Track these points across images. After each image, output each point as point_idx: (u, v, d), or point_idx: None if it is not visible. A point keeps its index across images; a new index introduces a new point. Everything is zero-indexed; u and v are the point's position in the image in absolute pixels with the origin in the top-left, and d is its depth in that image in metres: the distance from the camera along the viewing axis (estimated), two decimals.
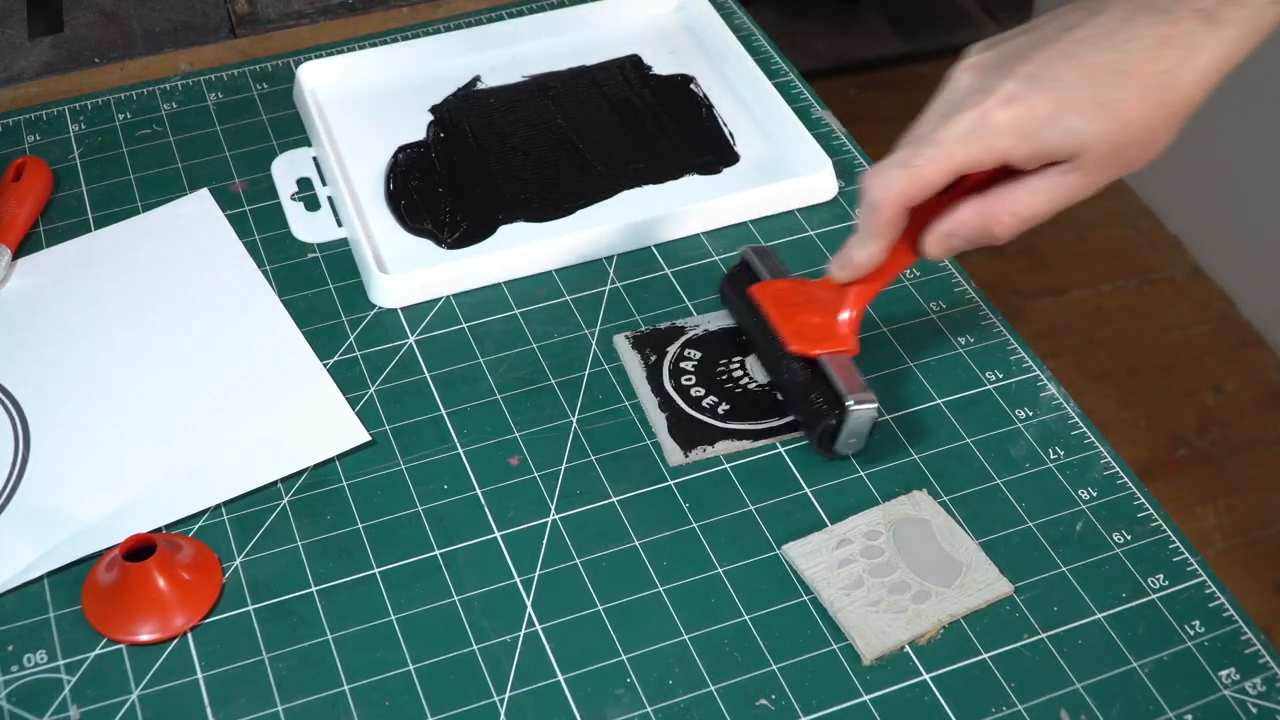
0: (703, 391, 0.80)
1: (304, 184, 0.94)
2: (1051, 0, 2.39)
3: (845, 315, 0.76)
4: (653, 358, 0.82)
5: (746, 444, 0.77)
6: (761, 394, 0.80)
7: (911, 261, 0.75)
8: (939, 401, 0.80)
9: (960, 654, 0.68)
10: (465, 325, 0.85)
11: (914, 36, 2.58)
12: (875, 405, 0.74)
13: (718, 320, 0.84)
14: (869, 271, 0.74)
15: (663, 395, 0.80)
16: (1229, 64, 0.66)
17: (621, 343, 0.83)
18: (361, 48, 1.04)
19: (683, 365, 0.81)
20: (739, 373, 0.81)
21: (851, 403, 0.74)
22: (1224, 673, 0.68)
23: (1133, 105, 0.65)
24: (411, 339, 0.84)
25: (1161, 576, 0.71)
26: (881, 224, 0.71)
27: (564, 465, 0.77)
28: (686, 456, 0.77)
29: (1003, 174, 0.70)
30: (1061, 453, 0.77)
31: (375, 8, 1.09)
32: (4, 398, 0.81)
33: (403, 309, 0.86)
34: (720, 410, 0.79)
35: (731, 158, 0.96)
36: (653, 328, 0.84)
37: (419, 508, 0.75)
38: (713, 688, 0.67)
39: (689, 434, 0.78)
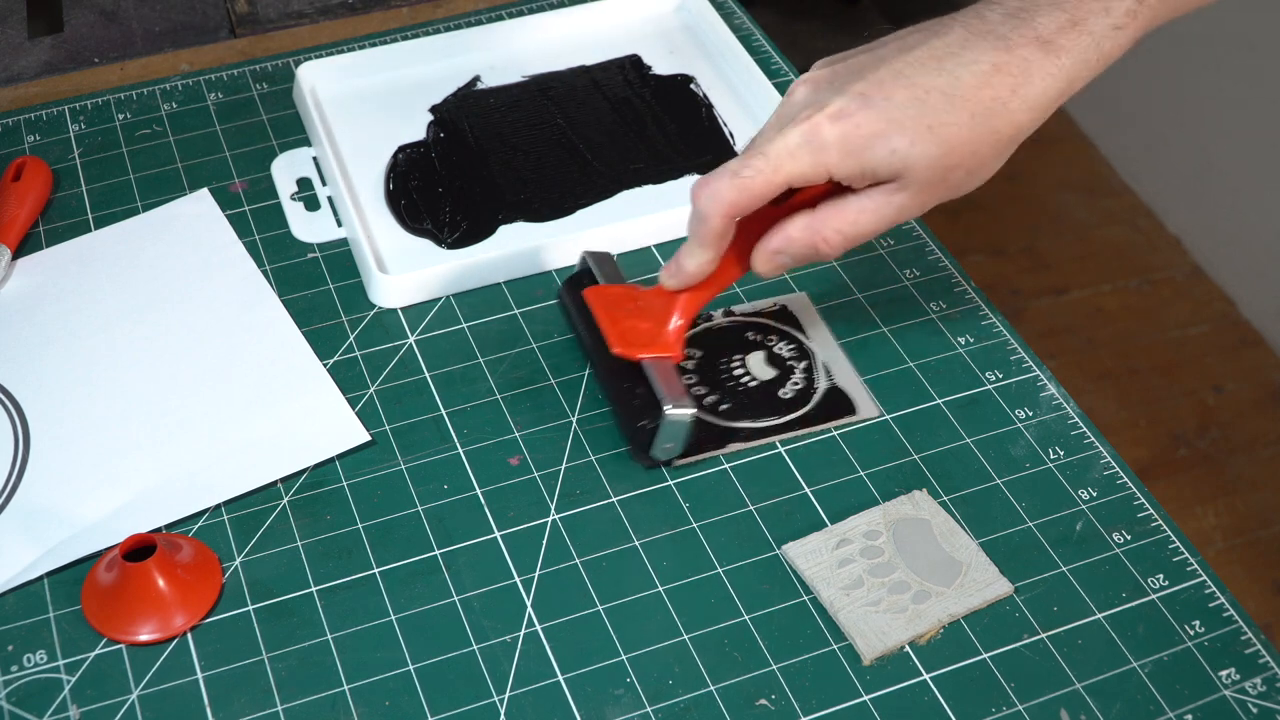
0: (704, 390, 0.80)
1: (304, 184, 0.94)
2: None
3: (674, 323, 0.76)
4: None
5: (753, 443, 0.77)
6: (763, 391, 0.80)
7: (739, 274, 0.75)
8: (939, 401, 0.80)
9: (960, 654, 0.68)
10: (465, 325, 0.85)
11: None
12: (692, 411, 0.73)
13: (716, 318, 0.84)
14: (698, 281, 0.74)
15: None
16: (1065, 93, 0.67)
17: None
18: (361, 48, 1.04)
19: (684, 364, 0.81)
20: (739, 370, 0.81)
21: (669, 406, 0.73)
22: (1224, 673, 0.68)
23: (959, 130, 0.66)
24: (411, 339, 0.84)
25: (1161, 576, 0.71)
26: (709, 234, 0.71)
27: (564, 465, 0.77)
28: (685, 457, 0.77)
29: (834, 189, 0.70)
30: (1061, 453, 0.77)
31: (375, 8, 1.09)
32: (4, 398, 0.81)
33: (403, 309, 0.86)
34: (722, 409, 0.79)
35: (731, 158, 0.96)
36: None
37: (419, 508, 0.75)
38: (713, 688, 0.67)
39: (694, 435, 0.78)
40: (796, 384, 0.80)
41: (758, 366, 0.81)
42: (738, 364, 0.82)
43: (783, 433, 0.78)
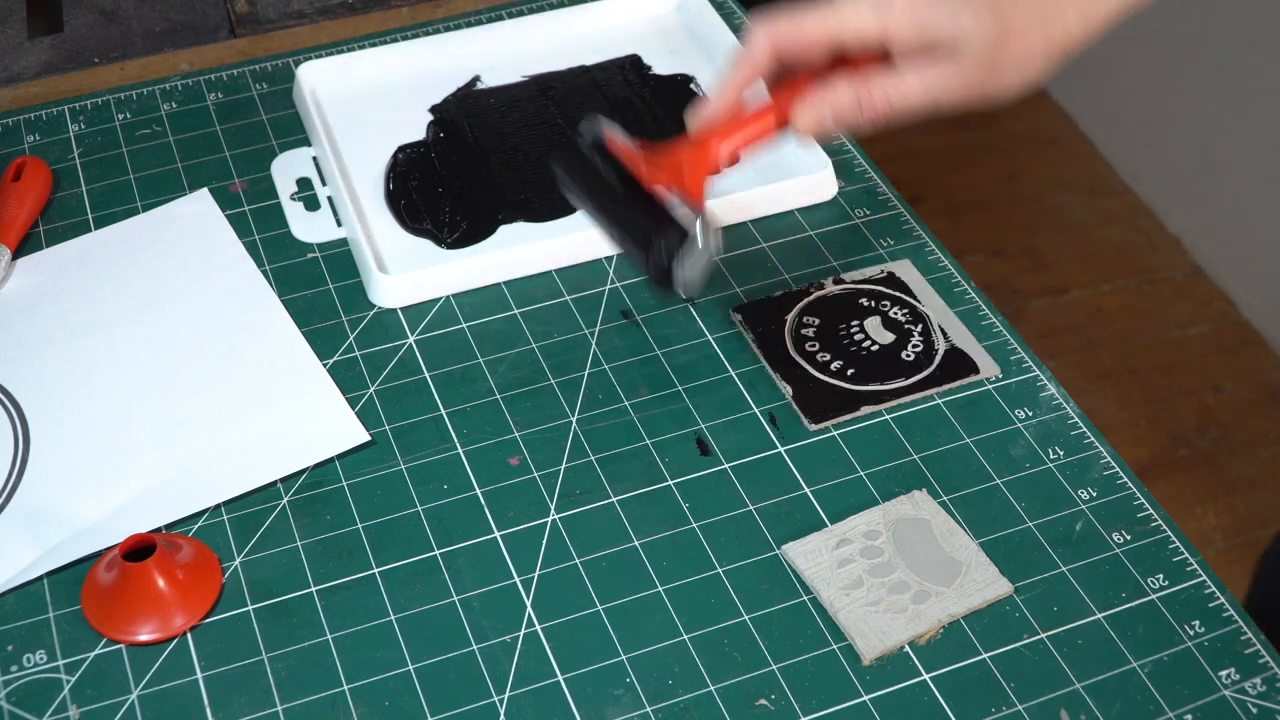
0: (829, 356, 0.81)
1: (304, 184, 0.94)
2: None
3: (697, 169, 0.75)
4: (770, 328, 0.83)
5: (885, 404, 0.79)
6: (885, 354, 0.81)
7: (775, 130, 0.74)
8: (939, 402, 0.80)
9: (960, 654, 0.68)
10: (465, 325, 0.85)
11: None
12: (710, 227, 0.72)
13: (827, 286, 0.85)
14: (722, 108, 0.74)
15: (788, 364, 0.80)
16: (1118, 16, 0.70)
17: (735, 317, 0.84)
18: (361, 48, 1.04)
19: (803, 332, 0.82)
20: (859, 335, 0.82)
21: (698, 221, 0.71)
22: (1224, 673, 0.68)
23: (1021, 19, 0.68)
24: (411, 339, 0.84)
25: (1161, 576, 0.71)
26: (746, 59, 0.72)
27: (564, 465, 0.77)
28: (818, 423, 0.78)
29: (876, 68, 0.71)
30: (1061, 453, 0.77)
31: (375, 8, 1.09)
32: (4, 398, 0.81)
33: (403, 309, 0.85)
34: (850, 374, 0.80)
35: None
36: (765, 298, 0.85)
37: (419, 508, 0.75)
38: (713, 688, 0.67)
39: (822, 401, 0.79)
40: (917, 346, 0.82)
41: (876, 331, 0.82)
42: (856, 329, 0.82)
43: (912, 393, 0.79)
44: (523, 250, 0.87)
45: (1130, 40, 2.21)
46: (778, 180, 0.92)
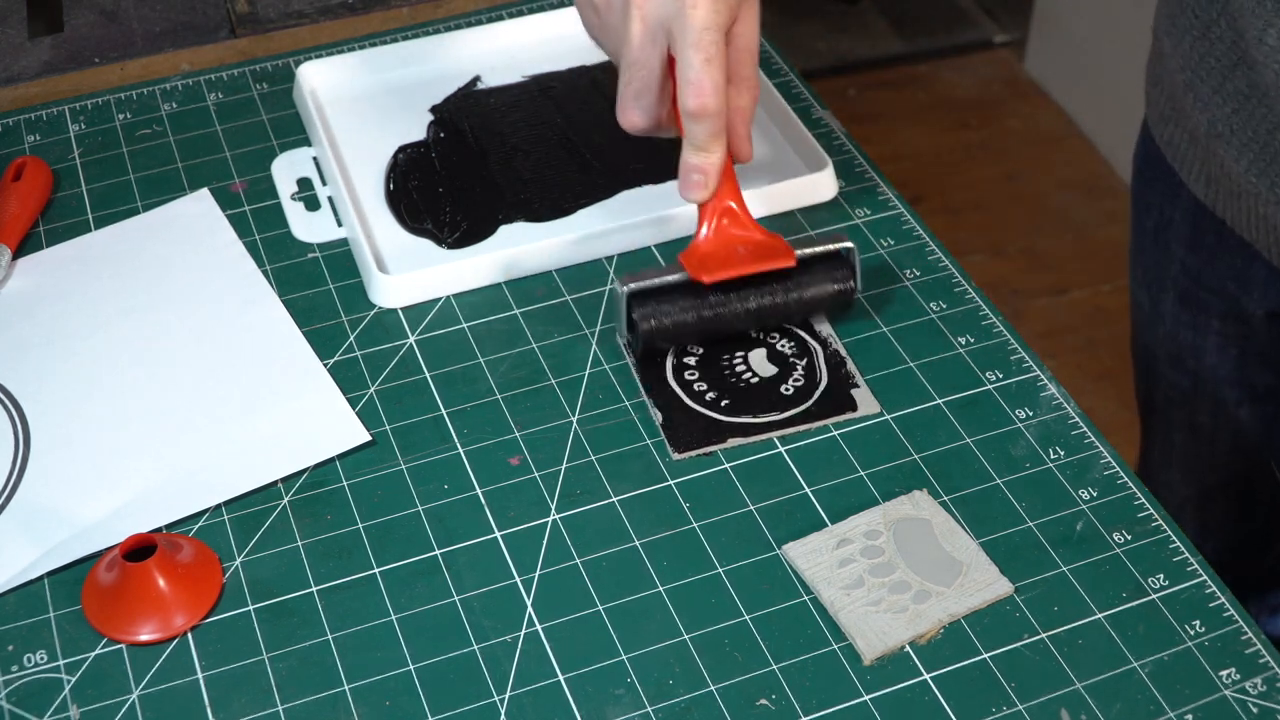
0: (706, 386, 0.80)
1: (304, 184, 0.94)
2: (1056, 6, 2.39)
3: (750, 222, 0.80)
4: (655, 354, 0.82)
5: (753, 438, 0.77)
6: (765, 387, 0.80)
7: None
8: (939, 401, 0.80)
9: (960, 654, 0.68)
10: (465, 325, 0.85)
11: (914, 36, 2.58)
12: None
13: None
14: (724, 165, 0.78)
15: (663, 391, 0.80)
16: None
17: (621, 340, 0.83)
18: (361, 48, 1.04)
19: (685, 360, 0.82)
20: (741, 367, 0.81)
21: (848, 243, 0.80)
22: (1224, 672, 0.68)
23: None
24: (411, 339, 0.84)
25: (1161, 576, 0.71)
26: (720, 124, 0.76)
27: (564, 465, 0.77)
28: (682, 453, 0.77)
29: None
30: (1061, 453, 0.77)
31: (375, 8, 1.09)
32: (4, 398, 0.81)
33: (403, 309, 0.86)
34: (723, 405, 0.79)
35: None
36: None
37: (419, 508, 0.75)
38: (713, 688, 0.67)
39: (689, 431, 0.78)
40: (798, 381, 0.81)
41: (759, 363, 0.81)
42: (740, 360, 0.82)
43: (783, 428, 0.78)
44: (523, 250, 0.87)
45: (1131, 40, 2.21)
46: (778, 180, 0.92)
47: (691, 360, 0.82)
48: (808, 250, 0.80)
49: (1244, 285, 0.95)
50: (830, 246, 0.80)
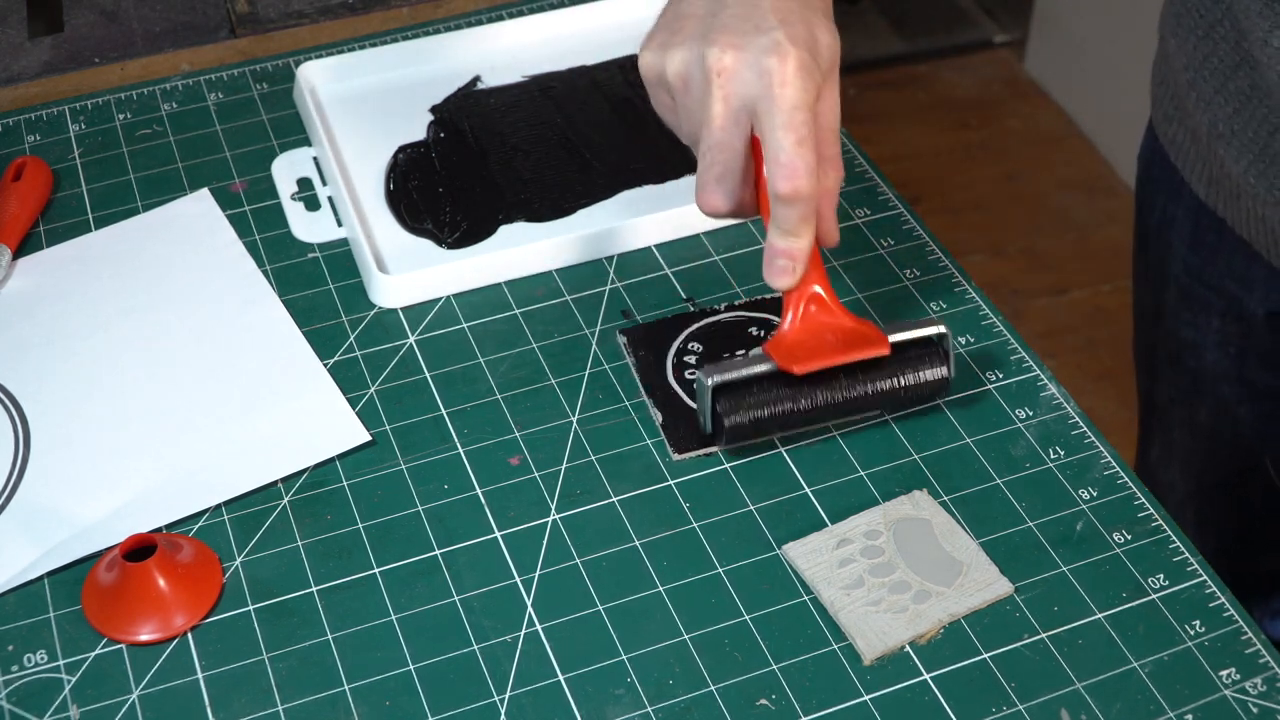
0: None
1: (304, 184, 0.94)
2: (1056, 6, 2.39)
3: (839, 307, 0.75)
4: (654, 352, 0.82)
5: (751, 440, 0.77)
6: None
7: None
8: (939, 401, 0.80)
9: (960, 654, 0.68)
10: (465, 325, 0.85)
11: (914, 36, 2.58)
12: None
13: (720, 312, 0.84)
14: (811, 248, 0.74)
15: (664, 391, 0.80)
16: None
17: (620, 339, 0.83)
18: (361, 48, 1.04)
19: (685, 359, 0.82)
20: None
21: (941, 327, 0.76)
22: (1224, 672, 0.68)
23: None
24: (411, 339, 0.84)
25: (1161, 576, 0.71)
26: (811, 208, 0.72)
27: (564, 465, 0.77)
28: (681, 454, 0.77)
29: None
30: (1061, 453, 0.77)
31: (375, 8, 1.09)
32: (4, 398, 0.81)
33: (403, 309, 0.86)
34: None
35: None
36: (656, 320, 0.84)
37: (419, 508, 0.75)
38: (713, 688, 0.67)
39: (689, 431, 0.77)
40: None
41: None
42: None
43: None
44: (523, 250, 0.87)
45: (1131, 40, 2.21)
46: None
47: (691, 360, 0.82)
48: (900, 336, 0.75)
49: (1245, 284, 0.95)
50: (923, 331, 0.76)
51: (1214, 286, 0.98)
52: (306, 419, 0.79)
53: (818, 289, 0.75)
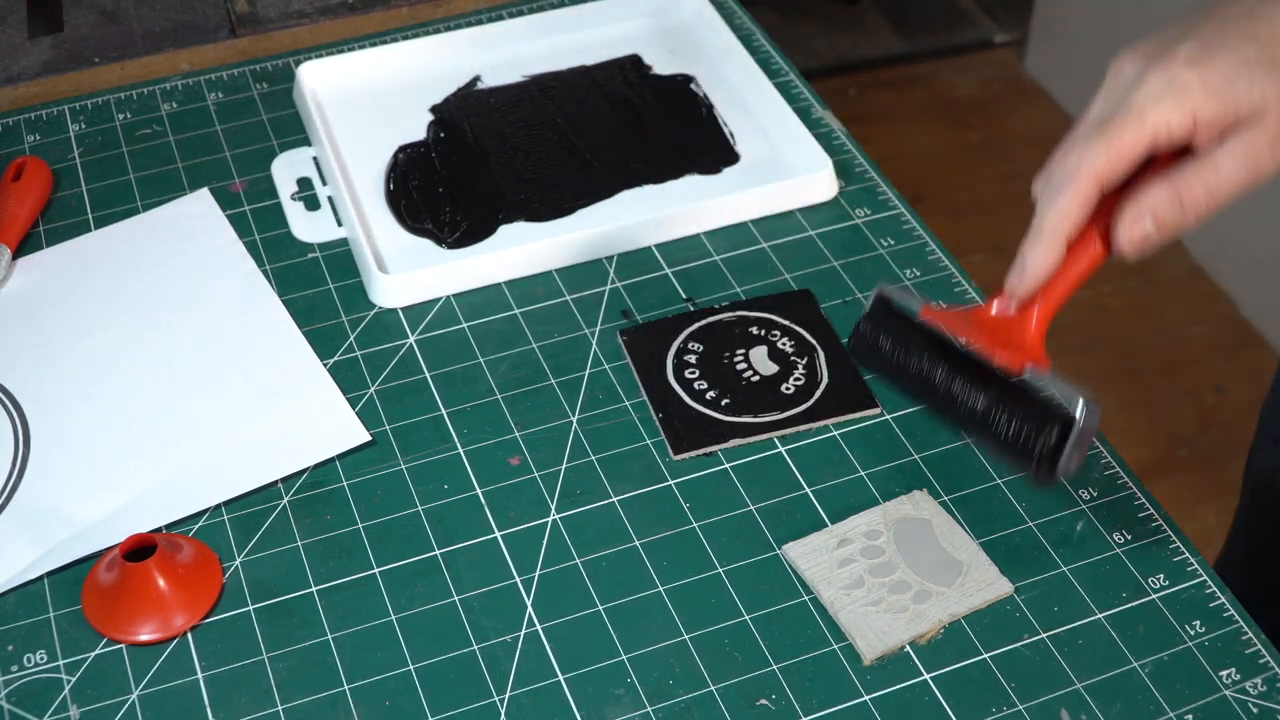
0: (706, 385, 0.80)
1: (304, 184, 0.94)
2: (1056, 6, 2.39)
3: (1029, 331, 0.69)
4: (654, 352, 0.82)
5: (754, 438, 0.77)
6: (766, 386, 0.80)
7: (1099, 261, 0.68)
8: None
9: (960, 654, 0.68)
10: (465, 325, 0.85)
11: (914, 36, 2.58)
12: (1099, 410, 0.65)
13: (721, 312, 0.84)
14: (1045, 278, 0.68)
15: (664, 391, 0.80)
16: None
17: (620, 339, 0.83)
18: (361, 48, 1.04)
19: (685, 359, 0.82)
20: (742, 365, 0.81)
21: (1081, 404, 0.65)
22: (1224, 672, 0.68)
23: None
24: (411, 339, 0.84)
25: (1162, 576, 0.71)
26: (1073, 204, 0.66)
27: (564, 465, 0.77)
28: (680, 454, 0.77)
29: (1175, 161, 0.67)
30: None
31: (375, 8, 1.09)
32: (4, 398, 0.81)
33: (403, 309, 0.86)
34: (724, 404, 0.79)
35: (731, 158, 0.96)
36: (656, 320, 0.84)
37: (419, 508, 0.75)
38: (713, 688, 0.67)
39: (689, 431, 0.78)
40: (799, 380, 0.81)
41: (760, 361, 0.81)
42: (740, 358, 0.82)
43: (784, 428, 0.78)
44: (523, 250, 0.87)
45: (1131, 40, 2.21)
46: (778, 180, 0.92)
47: (692, 359, 0.82)
48: (1037, 381, 0.67)
49: None
50: (1063, 400, 0.66)
51: None
52: (306, 419, 0.79)
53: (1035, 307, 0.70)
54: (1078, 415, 0.65)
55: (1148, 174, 0.67)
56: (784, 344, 0.83)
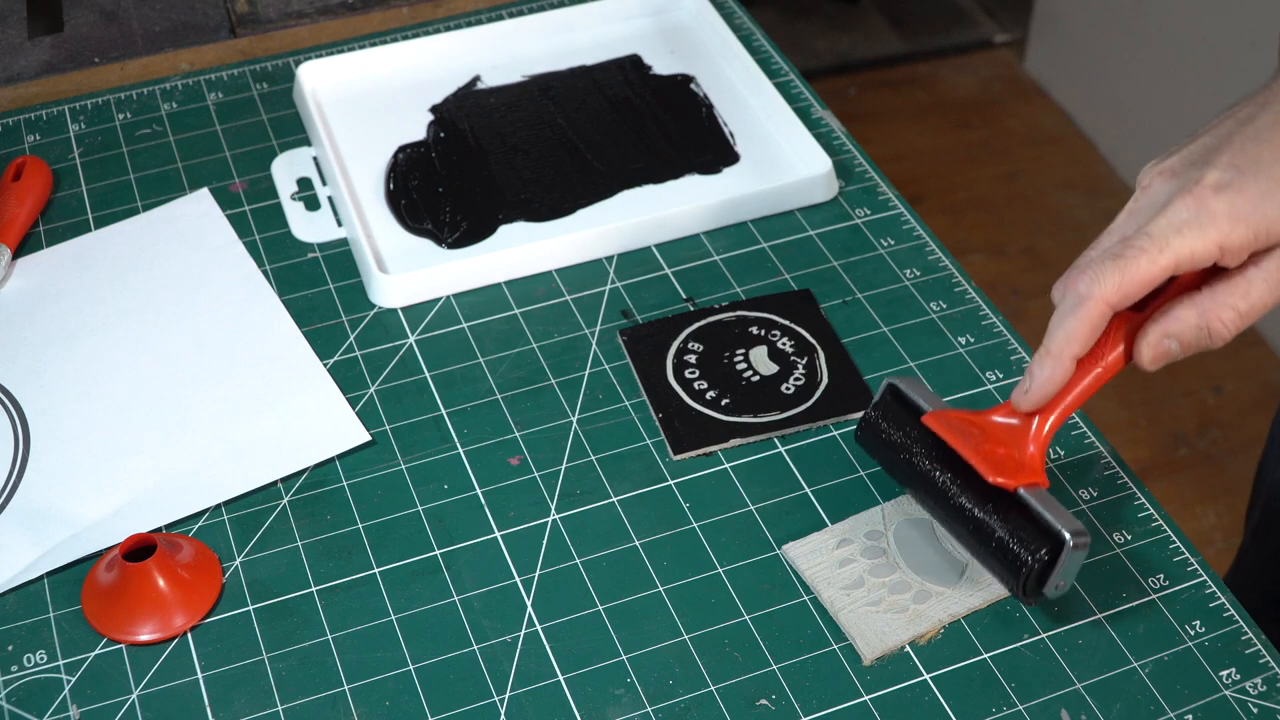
0: (706, 384, 0.80)
1: (304, 184, 0.94)
2: (1056, 6, 2.39)
3: (1031, 446, 0.69)
4: (653, 352, 0.82)
5: (754, 438, 0.77)
6: (766, 386, 0.80)
7: (1115, 371, 0.69)
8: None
9: (960, 654, 0.68)
10: (465, 325, 0.85)
11: (914, 36, 2.58)
12: (1088, 540, 0.66)
13: (721, 311, 0.84)
14: (1051, 394, 0.67)
15: (663, 391, 0.80)
16: None
17: (620, 339, 0.83)
18: (361, 48, 1.04)
19: (685, 358, 0.82)
20: (742, 364, 0.81)
21: (1068, 537, 0.65)
22: (1224, 673, 0.68)
23: None
24: (411, 339, 0.84)
25: (1162, 576, 0.71)
26: (1082, 327, 0.65)
27: (564, 465, 0.77)
28: (680, 454, 0.77)
29: (1204, 277, 0.67)
30: (1062, 453, 0.77)
31: (375, 8, 1.09)
32: (4, 398, 0.81)
33: (403, 309, 0.86)
34: (724, 404, 0.79)
35: (731, 158, 0.96)
36: (656, 320, 0.84)
37: (419, 508, 0.75)
38: (713, 688, 0.67)
39: (689, 431, 0.78)
40: (799, 379, 0.81)
41: (760, 361, 0.81)
42: (740, 358, 0.82)
43: (784, 428, 0.78)
44: (523, 250, 0.87)
45: (1131, 40, 2.21)
46: (778, 180, 0.92)
47: (692, 359, 0.82)
48: (1030, 498, 0.67)
49: None
50: (1057, 522, 0.66)
51: None
52: (306, 419, 0.79)
53: (1037, 421, 0.69)
54: (1065, 546, 0.65)
55: (1174, 289, 0.67)
56: (784, 344, 0.83)
